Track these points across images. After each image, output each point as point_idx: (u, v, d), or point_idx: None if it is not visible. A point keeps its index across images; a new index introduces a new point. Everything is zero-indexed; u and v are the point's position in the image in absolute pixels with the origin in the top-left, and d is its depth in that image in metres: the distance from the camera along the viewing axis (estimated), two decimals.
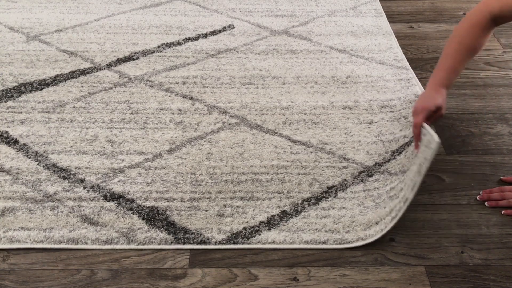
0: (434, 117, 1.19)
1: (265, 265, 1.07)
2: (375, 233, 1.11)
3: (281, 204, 1.19)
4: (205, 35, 1.81)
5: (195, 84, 1.57)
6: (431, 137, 1.06)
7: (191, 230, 1.13)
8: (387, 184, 1.23)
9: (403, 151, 1.31)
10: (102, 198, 1.20)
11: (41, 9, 1.94)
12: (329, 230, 1.13)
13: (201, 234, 1.12)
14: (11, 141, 1.34)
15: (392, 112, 1.46)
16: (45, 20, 1.87)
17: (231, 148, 1.34)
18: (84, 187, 1.22)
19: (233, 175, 1.27)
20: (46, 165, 1.28)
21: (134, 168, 1.28)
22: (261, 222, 1.15)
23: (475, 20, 1.23)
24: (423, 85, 1.60)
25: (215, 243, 1.10)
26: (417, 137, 1.16)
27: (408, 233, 1.14)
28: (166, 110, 1.46)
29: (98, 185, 1.23)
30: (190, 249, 1.10)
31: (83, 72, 1.61)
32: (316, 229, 1.13)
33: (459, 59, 1.24)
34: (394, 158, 1.30)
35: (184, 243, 1.10)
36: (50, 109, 1.46)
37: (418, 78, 1.62)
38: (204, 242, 1.10)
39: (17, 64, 1.64)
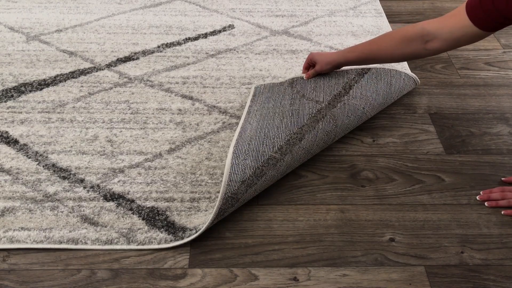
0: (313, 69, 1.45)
1: (265, 265, 1.07)
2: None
3: None
4: (205, 35, 1.81)
5: (195, 84, 1.57)
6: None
7: (191, 230, 1.13)
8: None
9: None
10: (102, 198, 1.20)
11: (41, 9, 1.94)
12: None
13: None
14: (11, 141, 1.34)
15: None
16: (45, 20, 1.87)
17: None
18: (84, 187, 1.22)
19: None
20: (46, 165, 1.28)
21: (134, 168, 1.28)
22: None
23: (402, 29, 1.29)
24: (423, 86, 1.60)
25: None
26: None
27: (408, 233, 1.14)
28: (166, 110, 1.46)
29: (98, 185, 1.23)
30: (190, 249, 1.10)
31: (83, 72, 1.61)
32: None
33: (365, 55, 1.35)
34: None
35: (183, 243, 1.10)
36: (50, 109, 1.46)
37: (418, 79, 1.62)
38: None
39: (17, 64, 1.64)
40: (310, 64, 1.47)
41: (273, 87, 1.42)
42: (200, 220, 1.15)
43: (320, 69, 1.42)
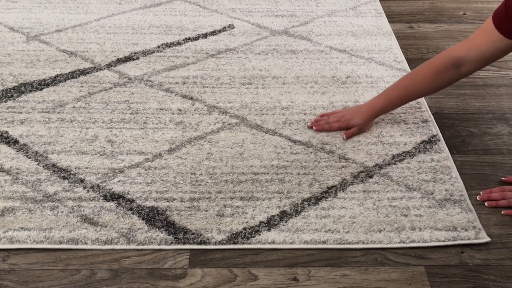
0: (348, 131, 1.36)
1: (265, 265, 1.07)
2: (377, 240, 1.11)
3: (281, 204, 1.19)
4: (205, 35, 1.81)
5: (195, 84, 1.57)
6: None
7: (191, 230, 1.13)
8: (389, 190, 1.23)
9: (404, 159, 1.31)
10: (102, 198, 1.20)
11: (41, 9, 1.94)
12: (329, 230, 1.13)
13: (201, 234, 1.12)
14: (11, 141, 1.34)
15: (392, 114, 1.46)
16: (45, 20, 1.87)
17: (231, 148, 1.34)
18: (84, 187, 1.22)
19: (233, 175, 1.27)
20: (46, 165, 1.28)
21: (134, 168, 1.28)
22: (261, 222, 1.15)
23: (433, 63, 1.27)
24: None
25: (215, 243, 1.10)
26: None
27: None
28: (166, 110, 1.46)
29: (98, 185, 1.23)
30: (190, 249, 1.10)
31: (83, 72, 1.61)
32: (316, 229, 1.13)
33: (401, 97, 1.33)
34: (395, 164, 1.30)
35: (184, 243, 1.10)
36: (50, 109, 1.46)
37: None
38: (204, 242, 1.10)
39: (17, 64, 1.64)
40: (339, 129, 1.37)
41: None
42: (200, 221, 1.15)
43: (359, 129, 1.36)
